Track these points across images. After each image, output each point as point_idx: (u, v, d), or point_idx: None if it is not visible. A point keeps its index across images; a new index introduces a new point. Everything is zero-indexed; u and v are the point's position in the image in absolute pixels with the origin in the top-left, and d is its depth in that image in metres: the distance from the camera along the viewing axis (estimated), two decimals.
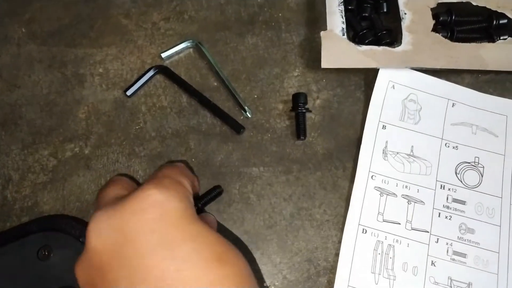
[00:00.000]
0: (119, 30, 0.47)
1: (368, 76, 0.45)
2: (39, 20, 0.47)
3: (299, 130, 0.42)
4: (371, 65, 0.43)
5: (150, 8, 0.48)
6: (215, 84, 0.44)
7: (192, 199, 0.31)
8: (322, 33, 0.43)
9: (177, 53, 0.45)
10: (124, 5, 0.48)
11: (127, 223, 0.27)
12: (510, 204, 0.40)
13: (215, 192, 0.39)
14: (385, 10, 0.47)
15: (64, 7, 0.47)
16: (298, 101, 0.42)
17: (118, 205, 0.28)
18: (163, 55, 0.45)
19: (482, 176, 0.41)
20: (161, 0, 0.48)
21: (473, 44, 0.44)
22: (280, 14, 0.48)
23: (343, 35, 0.43)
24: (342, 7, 0.45)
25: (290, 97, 0.44)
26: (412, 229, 0.39)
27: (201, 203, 0.39)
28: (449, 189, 0.41)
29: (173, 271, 0.25)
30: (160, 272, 0.25)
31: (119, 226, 0.27)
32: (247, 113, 0.43)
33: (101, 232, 0.27)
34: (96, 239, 0.27)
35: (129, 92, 0.43)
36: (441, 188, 0.41)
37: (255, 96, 0.44)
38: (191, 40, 0.45)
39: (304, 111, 0.42)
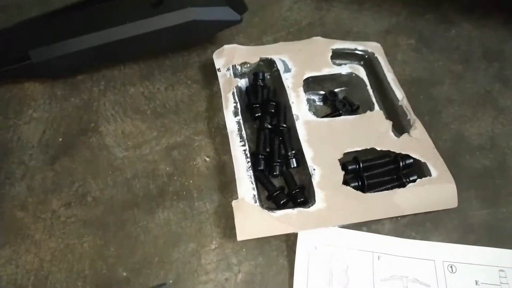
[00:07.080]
0: (14, 226, 0.42)
1: (290, 237, 0.43)
2: None
3: None
4: (288, 230, 0.41)
5: (49, 194, 0.44)
6: (124, 274, 0.40)
7: None
8: (233, 203, 0.42)
9: None
10: (20, 195, 0.44)
11: None
12: None
13: None
14: (295, 165, 0.47)
15: None
16: None
17: None
18: None
19: None
20: (62, 183, 0.45)
21: (385, 193, 0.44)
22: (190, 181, 0.46)
23: (255, 202, 0.42)
24: (250, 172, 0.44)
25: (210, 277, 0.40)
26: None
27: None
28: None
29: None
30: None
31: None
32: None
33: None
34: None
35: None
36: None
37: (171, 281, 0.40)
38: None
39: None
